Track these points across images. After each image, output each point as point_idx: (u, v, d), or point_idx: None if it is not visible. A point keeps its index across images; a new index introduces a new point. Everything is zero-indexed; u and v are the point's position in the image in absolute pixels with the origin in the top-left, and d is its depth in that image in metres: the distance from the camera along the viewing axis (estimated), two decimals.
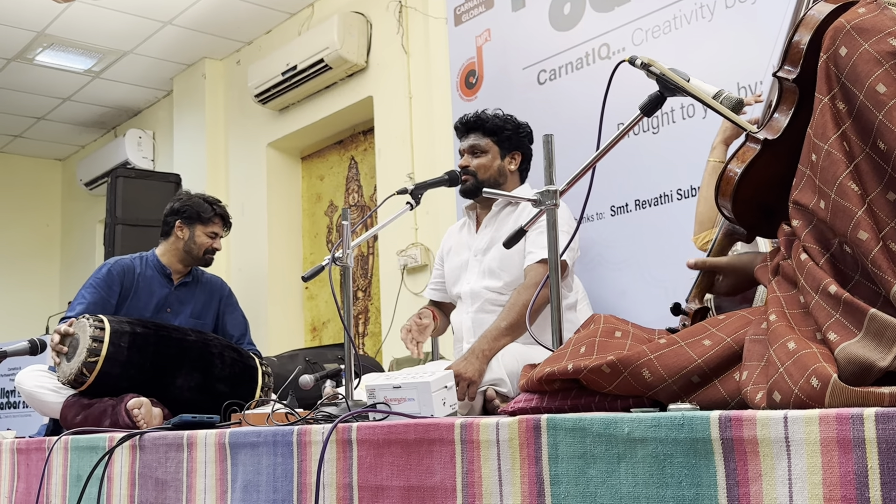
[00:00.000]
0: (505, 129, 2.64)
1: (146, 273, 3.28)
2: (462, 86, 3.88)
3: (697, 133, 2.92)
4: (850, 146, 1.09)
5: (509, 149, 2.64)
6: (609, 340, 1.32)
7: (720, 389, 1.15)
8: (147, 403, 2.63)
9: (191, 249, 3.30)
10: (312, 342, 5.28)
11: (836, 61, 1.12)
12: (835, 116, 1.11)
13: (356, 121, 5.01)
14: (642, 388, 1.19)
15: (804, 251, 1.14)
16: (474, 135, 2.64)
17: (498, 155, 2.63)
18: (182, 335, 2.87)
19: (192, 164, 5.74)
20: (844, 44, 1.12)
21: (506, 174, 2.64)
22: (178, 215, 3.30)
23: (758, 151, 1.30)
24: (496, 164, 2.62)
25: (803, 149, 1.18)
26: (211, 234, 3.33)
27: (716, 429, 0.99)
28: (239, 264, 5.47)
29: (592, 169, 1.69)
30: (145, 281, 3.26)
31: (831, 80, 1.13)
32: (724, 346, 1.17)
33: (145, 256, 3.34)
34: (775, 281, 1.21)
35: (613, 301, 3.14)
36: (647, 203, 3.11)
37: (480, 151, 2.62)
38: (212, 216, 3.34)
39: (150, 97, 6.32)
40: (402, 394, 1.66)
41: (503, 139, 2.63)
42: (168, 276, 3.30)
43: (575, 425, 1.14)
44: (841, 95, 1.11)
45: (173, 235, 3.29)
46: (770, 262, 1.27)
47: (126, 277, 3.23)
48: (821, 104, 1.14)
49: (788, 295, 1.16)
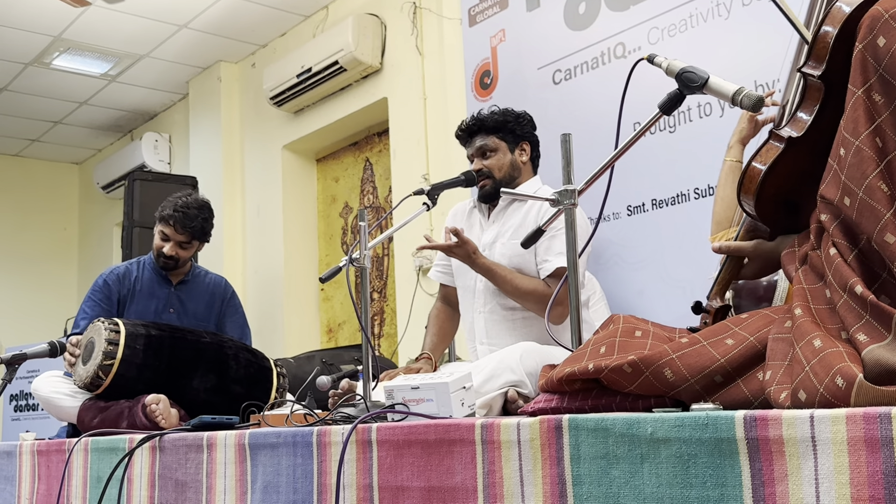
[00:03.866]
0: (507, 123, 2.63)
1: (143, 276, 3.27)
2: (477, 86, 3.87)
3: (714, 132, 2.90)
4: (883, 141, 1.07)
5: (516, 141, 2.64)
6: (629, 340, 1.31)
7: (743, 389, 1.14)
8: (165, 400, 2.64)
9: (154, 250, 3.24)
10: (328, 344, 5.29)
11: (875, 51, 1.08)
12: (868, 110, 1.08)
13: (371, 122, 5.01)
14: (664, 388, 1.18)
15: (833, 245, 1.11)
16: (479, 137, 2.64)
17: (507, 150, 2.63)
18: (197, 337, 2.88)
19: (208, 167, 5.76)
20: (883, 33, 1.08)
21: (519, 167, 2.64)
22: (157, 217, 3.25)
23: (782, 150, 1.29)
24: (508, 159, 2.62)
25: (834, 142, 1.15)
26: (161, 234, 3.19)
27: (741, 428, 0.98)
28: (255, 266, 5.49)
29: (611, 168, 1.68)
30: (143, 284, 3.26)
31: (868, 70, 1.09)
32: (748, 346, 1.16)
33: (143, 260, 3.33)
34: (802, 270, 1.19)
35: (631, 300, 3.13)
36: (664, 202, 3.10)
37: (490, 151, 2.62)
38: (163, 215, 3.18)
39: (167, 100, 6.35)
40: (420, 394, 1.66)
41: (508, 133, 2.63)
42: (165, 276, 3.29)
43: (597, 425, 1.13)
44: (879, 87, 1.07)
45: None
46: (798, 250, 1.25)
47: (122, 284, 3.23)
48: (854, 97, 1.10)
49: (814, 287, 1.14)
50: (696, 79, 1.53)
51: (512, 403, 2.08)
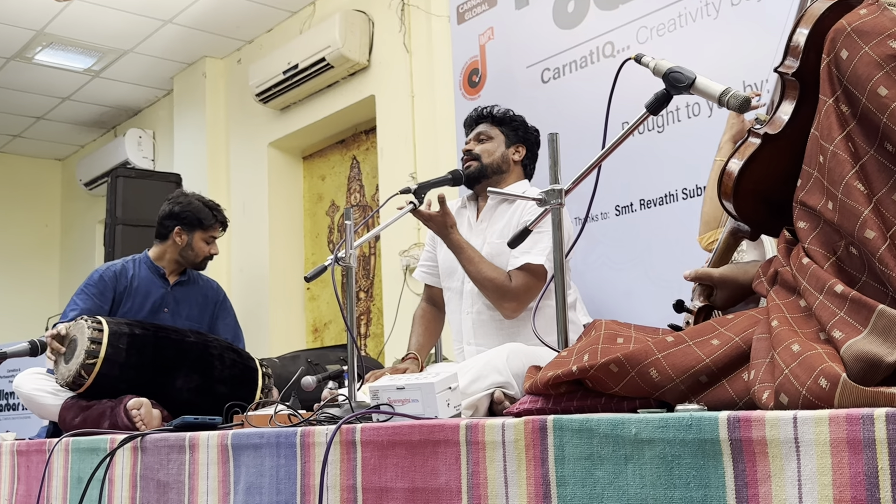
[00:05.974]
0: (513, 120, 2.69)
1: (140, 274, 3.27)
2: (465, 84, 3.88)
3: (703, 132, 2.92)
4: (855, 147, 1.10)
5: (515, 140, 2.68)
6: (611, 346, 1.31)
7: (728, 389, 1.15)
8: (147, 404, 2.63)
9: (187, 255, 3.30)
10: (314, 343, 5.28)
11: (838, 64, 1.13)
12: (839, 118, 1.12)
13: (358, 120, 5.01)
14: (649, 389, 1.19)
15: (806, 255, 1.14)
16: (483, 125, 2.70)
17: (503, 143, 2.66)
18: (181, 336, 2.87)
19: (192, 164, 5.74)
20: (845, 46, 1.12)
21: (509, 163, 2.66)
22: (177, 221, 3.27)
23: (758, 146, 1.31)
24: (500, 150, 2.65)
25: (809, 149, 1.18)
26: (210, 238, 3.33)
27: (724, 429, 0.99)
28: (240, 265, 5.48)
29: (598, 168, 1.69)
30: (140, 282, 3.25)
31: (834, 82, 1.14)
32: (733, 346, 1.17)
33: (138, 258, 3.33)
34: (774, 290, 1.21)
35: (618, 302, 3.14)
36: (652, 202, 3.11)
37: (487, 137, 2.67)
38: (213, 223, 3.33)
39: (151, 96, 6.33)
40: (405, 395, 1.66)
41: (510, 129, 2.68)
42: (163, 276, 3.30)
43: (581, 426, 1.14)
44: (844, 98, 1.12)
45: (171, 240, 3.27)
46: (765, 276, 1.27)
47: (119, 282, 3.22)
48: (825, 106, 1.14)
49: (788, 301, 1.17)
50: (683, 79, 1.54)
51: (498, 405, 2.09)
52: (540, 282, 2.43)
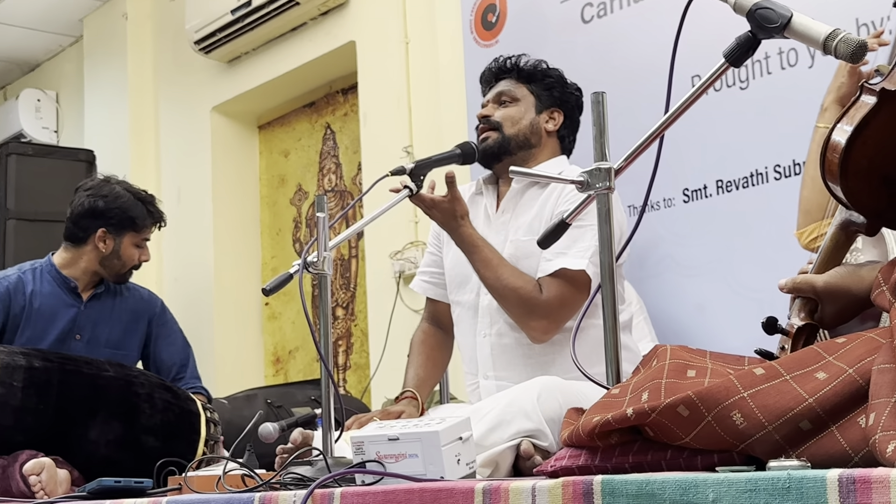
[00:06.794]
0: (547, 77, 2.68)
1: (42, 290, 3.26)
2: (478, 26, 3.88)
3: (802, 88, 2.91)
4: None
5: (549, 104, 2.67)
6: (680, 382, 1.32)
7: (839, 439, 1.16)
8: (49, 465, 2.63)
9: (111, 265, 3.30)
10: (276, 378, 5.29)
11: None
12: None
13: (333, 76, 5.02)
14: (732, 438, 1.19)
15: None
16: (505, 81, 2.68)
17: (533, 107, 2.65)
18: (96, 370, 2.87)
19: (109, 137, 5.76)
20: None
21: (540, 134, 2.66)
22: (100, 220, 3.27)
23: (872, 106, 1.31)
24: (529, 117, 2.64)
25: None
26: (142, 242, 3.35)
27: (835, 493, 0.99)
28: (174, 273, 5.49)
29: (660, 139, 1.69)
30: (43, 300, 3.25)
31: None
32: (845, 381, 1.17)
33: (38, 267, 3.32)
34: None
35: (687, 320, 3.14)
36: (732, 185, 3.11)
37: (510, 99, 2.66)
38: (147, 222, 3.34)
39: (53, 45, 6.35)
40: (400, 448, 1.66)
41: (542, 88, 2.67)
42: (74, 290, 3.29)
43: (640, 490, 1.14)
44: None
45: (90, 244, 3.28)
46: (888, 283, 1.27)
47: (14, 301, 3.22)
48: None
49: None
50: (776, 17, 1.54)
51: (526, 460, 2.09)
52: (581, 293, 2.43)
